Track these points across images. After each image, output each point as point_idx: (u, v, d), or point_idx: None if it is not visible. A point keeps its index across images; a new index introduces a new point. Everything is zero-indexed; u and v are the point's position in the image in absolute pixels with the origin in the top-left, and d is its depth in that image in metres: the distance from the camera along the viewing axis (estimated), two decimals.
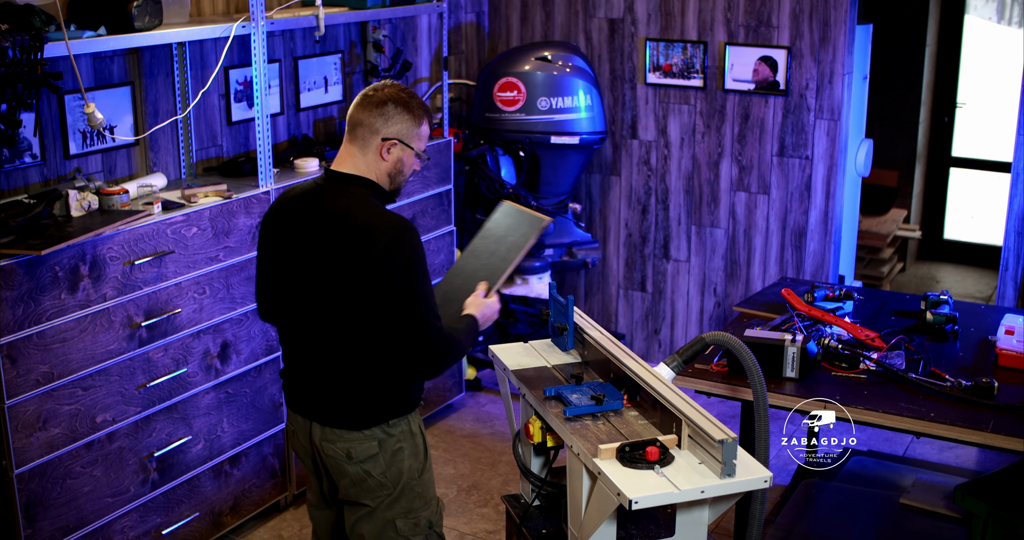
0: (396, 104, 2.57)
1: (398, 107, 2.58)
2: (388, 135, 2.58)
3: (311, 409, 2.69)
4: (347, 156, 2.62)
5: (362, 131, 2.58)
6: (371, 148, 2.58)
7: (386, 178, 2.63)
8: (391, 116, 2.57)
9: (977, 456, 4.48)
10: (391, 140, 2.58)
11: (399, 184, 2.67)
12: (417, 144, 2.63)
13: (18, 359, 3.06)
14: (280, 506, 4.14)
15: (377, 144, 2.58)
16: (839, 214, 5.00)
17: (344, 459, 2.65)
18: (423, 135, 2.64)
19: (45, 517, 3.21)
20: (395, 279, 2.48)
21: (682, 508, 2.44)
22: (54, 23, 3.07)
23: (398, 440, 2.67)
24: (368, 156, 2.59)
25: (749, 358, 2.58)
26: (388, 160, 2.60)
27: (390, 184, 2.65)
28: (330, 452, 2.67)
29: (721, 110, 5.08)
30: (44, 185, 3.51)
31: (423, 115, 2.62)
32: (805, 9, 4.80)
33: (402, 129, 2.59)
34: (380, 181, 2.63)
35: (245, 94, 4.20)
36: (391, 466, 2.67)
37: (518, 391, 2.88)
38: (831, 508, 3.77)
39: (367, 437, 2.64)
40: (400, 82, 4.90)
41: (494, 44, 5.62)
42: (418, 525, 2.72)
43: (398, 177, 2.64)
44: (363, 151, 2.60)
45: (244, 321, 3.78)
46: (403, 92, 2.60)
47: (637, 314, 5.53)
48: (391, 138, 2.58)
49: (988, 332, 3.52)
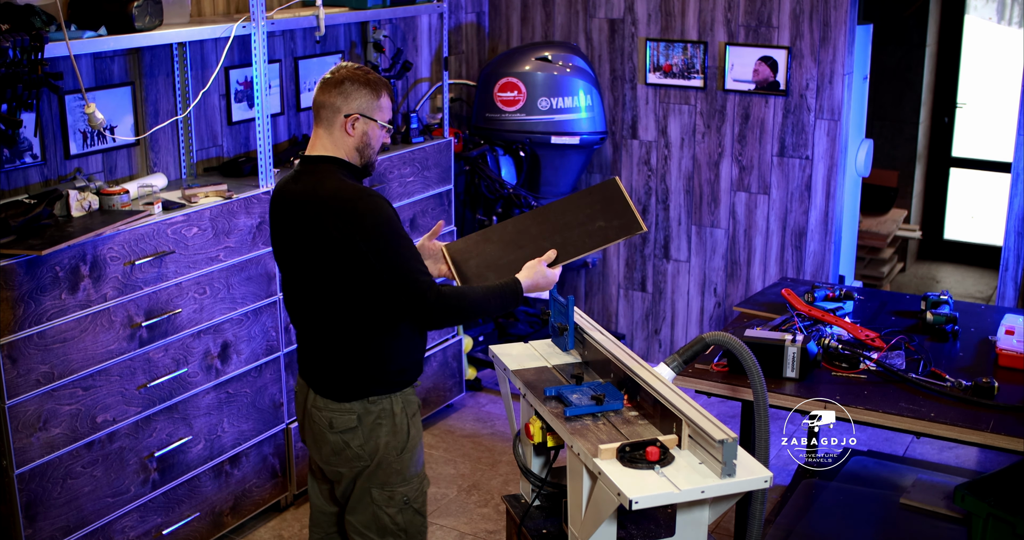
0: (352, 81, 2.70)
1: (355, 83, 2.70)
2: (350, 111, 2.70)
3: (308, 375, 2.86)
4: (316, 139, 2.75)
5: (325, 112, 2.71)
6: (336, 126, 2.71)
7: (355, 153, 2.75)
8: (350, 93, 2.69)
9: (977, 456, 4.48)
10: (353, 115, 2.70)
11: (369, 157, 2.78)
12: (379, 116, 2.74)
13: (18, 359, 3.06)
14: (280, 506, 4.14)
15: (341, 121, 2.70)
16: (839, 214, 5.01)
17: (327, 427, 2.79)
18: (384, 107, 2.75)
19: (45, 517, 3.21)
20: (369, 244, 2.60)
21: (682, 508, 2.45)
22: (54, 23, 3.07)
23: (378, 417, 2.79)
24: (335, 134, 2.72)
25: (749, 358, 2.58)
26: (354, 135, 2.72)
27: (360, 159, 2.76)
28: (316, 418, 2.82)
29: (721, 110, 5.08)
30: (45, 185, 3.51)
31: (381, 88, 2.74)
32: (805, 9, 4.80)
33: (362, 104, 2.71)
34: (350, 157, 2.74)
35: (245, 94, 4.20)
36: (368, 440, 2.79)
37: (518, 391, 2.88)
38: (831, 508, 3.77)
39: (348, 410, 2.77)
40: (398, 80, 4.91)
41: (494, 44, 5.62)
42: (392, 498, 2.84)
43: (367, 150, 2.76)
44: (329, 131, 2.72)
45: (244, 321, 3.79)
46: (359, 70, 2.74)
47: (637, 314, 5.53)
48: (352, 113, 2.70)
49: (988, 332, 3.52)
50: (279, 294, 3.91)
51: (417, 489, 2.89)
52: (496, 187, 5.01)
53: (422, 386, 4.72)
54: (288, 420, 4.05)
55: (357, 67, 2.75)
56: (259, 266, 3.81)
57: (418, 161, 4.54)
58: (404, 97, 5.06)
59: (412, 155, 4.51)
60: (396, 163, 4.42)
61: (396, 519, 2.86)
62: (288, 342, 3.99)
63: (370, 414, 2.78)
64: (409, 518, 2.88)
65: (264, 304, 3.85)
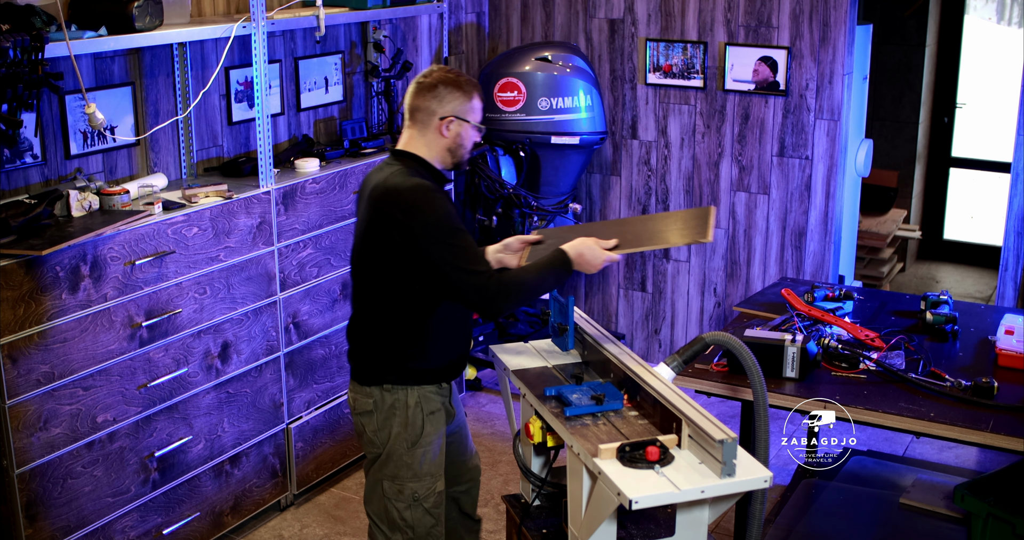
0: (446, 85, 2.82)
1: (448, 86, 2.82)
2: (444, 114, 2.82)
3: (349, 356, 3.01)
4: (406, 137, 2.88)
5: (420, 115, 2.83)
6: (430, 128, 2.83)
7: (447, 153, 2.86)
8: (443, 96, 2.81)
9: (977, 456, 4.48)
10: (448, 117, 2.82)
11: (461, 157, 2.89)
12: (472, 116, 2.86)
13: (19, 359, 3.06)
14: (280, 506, 4.14)
15: (436, 124, 2.82)
16: (839, 214, 5.01)
17: (352, 408, 2.95)
18: (476, 108, 2.87)
19: (46, 517, 3.22)
20: (421, 236, 2.68)
21: (682, 508, 2.45)
22: (55, 23, 3.07)
23: (392, 406, 2.86)
24: (427, 136, 2.84)
25: (749, 358, 2.58)
26: (448, 136, 2.83)
27: (452, 158, 2.87)
28: (347, 398, 3.03)
29: (721, 110, 5.09)
30: (45, 185, 3.51)
31: (472, 90, 2.85)
32: (805, 9, 4.80)
33: (456, 106, 2.82)
34: (440, 157, 2.86)
35: (246, 94, 4.20)
36: (382, 428, 2.88)
37: (518, 391, 2.88)
38: (831, 508, 3.77)
39: (367, 393, 2.89)
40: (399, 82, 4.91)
41: (494, 44, 5.62)
42: (402, 492, 2.88)
43: (459, 150, 2.87)
44: (422, 132, 2.84)
45: (245, 321, 3.79)
46: (450, 73, 2.85)
47: (637, 314, 5.53)
48: (447, 116, 2.81)
49: (988, 332, 3.52)
50: (279, 294, 3.91)
51: (428, 488, 2.89)
52: (496, 187, 5.01)
53: None
54: (288, 420, 4.05)
55: (448, 70, 2.86)
56: (259, 266, 3.81)
57: None
58: (404, 97, 5.06)
59: None
60: None
61: (404, 515, 2.88)
62: (288, 342, 3.99)
63: (385, 402, 2.86)
64: (418, 516, 2.89)
65: (264, 304, 3.85)
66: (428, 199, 2.70)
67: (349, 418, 4.33)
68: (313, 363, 4.13)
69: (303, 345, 4.06)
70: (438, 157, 2.85)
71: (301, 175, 4.02)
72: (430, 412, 2.88)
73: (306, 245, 4.01)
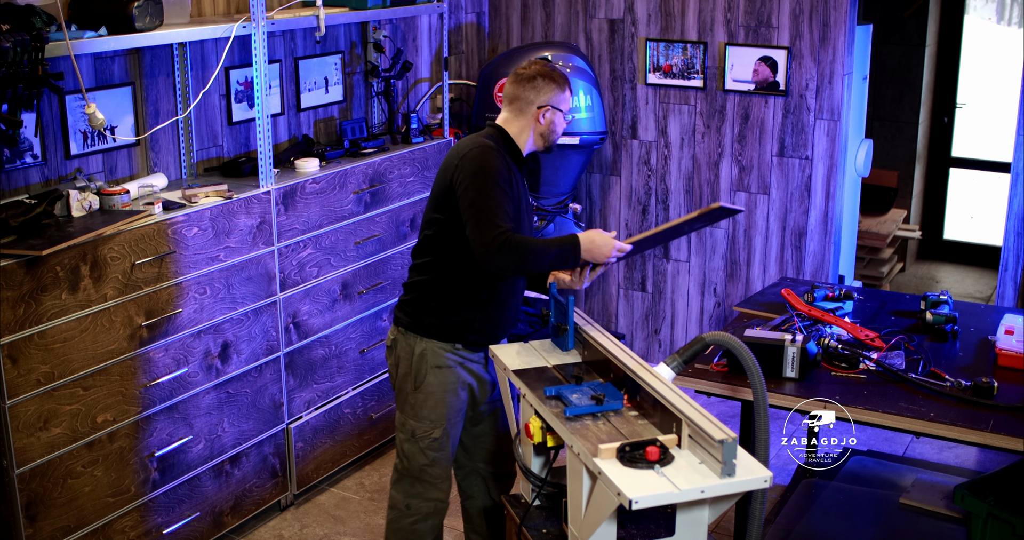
0: (543, 77, 3.12)
1: (545, 79, 3.12)
2: (542, 103, 3.11)
3: None
4: (501, 119, 3.16)
5: (519, 103, 3.12)
6: (527, 115, 3.12)
7: (540, 138, 3.15)
8: (541, 87, 3.11)
9: (977, 456, 4.48)
10: (545, 106, 3.11)
11: (552, 141, 3.18)
12: (564, 106, 3.16)
13: (19, 359, 3.06)
14: (280, 506, 4.14)
15: (533, 112, 3.11)
16: (839, 214, 5.01)
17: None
18: (567, 99, 3.18)
19: (46, 517, 3.22)
20: (464, 186, 2.94)
21: (682, 508, 2.45)
22: (55, 23, 3.07)
23: (404, 349, 3.16)
24: (522, 120, 3.13)
25: (749, 358, 2.58)
26: (544, 123, 3.13)
27: (544, 142, 3.16)
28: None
29: (721, 110, 5.09)
30: (45, 185, 3.51)
31: (565, 83, 3.16)
32: (805, 9, 4.81)
33: (552, 96, 3.12)
34: (534, 140, 3.15)
35: (246, 94, 4.21)
36: (395, 364, 3.20)
37: (518, 391, 2.88)
38: (831, 508, 3.77)
39: (393, 330, 3.22)
40: (398, 81, 4.91)
41: (494, 44, 5.62)
42: (404, 425, 3.20)
43: (551, 136, 3.16)
44: (516, 117, 3.13)
45: (245, 321, 3.79)
46: (546, 66, 3.16)
47: (637, 314, 5.53)
48: (545, 105, 3.11)
49: (988, 332, 3.52)
50: (279, 294, 3.92)
51: (426, 432, 3.15)
52: None
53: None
54: (288, 420, 4.05)
55: (544, 64, 3.18)
56: (259, 266, 3.81)
57: (418, 161, 4.54)
58: (404, 97, 5.07)
59: (412, 155, 4.51)
60: (396, 163, 4.42)
61: (403, 445, 3.21)
62: (288, 342, 3.99)
63: (399, 343, 3.17)
64: (413, 451, 3.18)
65: (264, 304, 3.85)
66: (483, 153, 2.96)
67: (349, 418, 4.33)
68: (313, 363, 4.13)
69: (303, 345, 4.06)
70: (531, 140, 3.14)
71: (301, 175, 4.02)
72: (435, 366, 3.11)
73: (306, 245, 4.01)
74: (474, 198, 2.90)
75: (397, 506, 3.25)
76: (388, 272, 4.44)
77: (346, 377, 4.31)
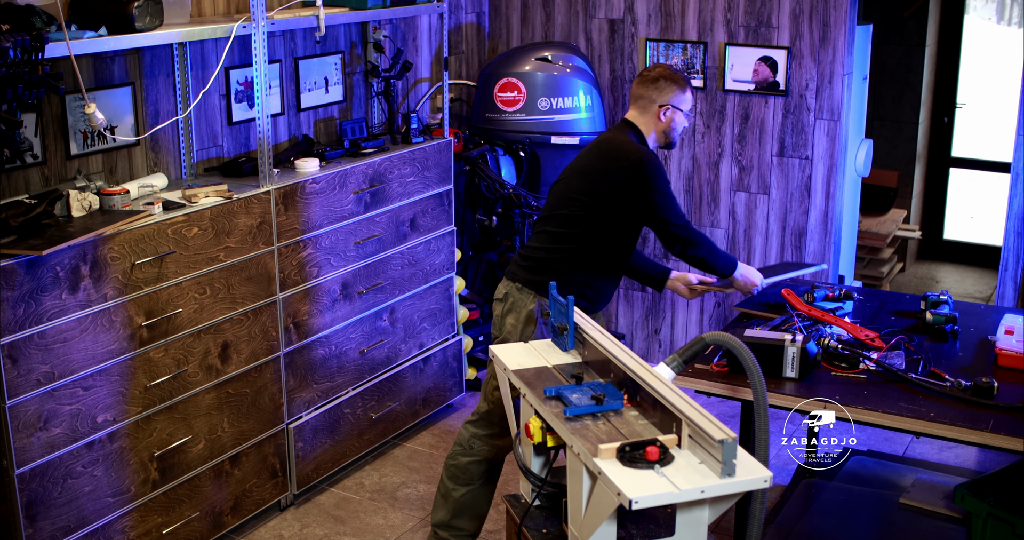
0: (666, 79, 3.47)
1: (667, 81, 3.47)
2: (663, 102, 3.47)
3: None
4: (630, 116, 3.53)
5: (643, 102, 3.49)
6: (650, 113, 3.49)
7: (662, 134, 3.51)
8: (663, 88, 3.46)
9: (977, 456, 4.48)
10: (666, 105, 3.47)
11: (672, 139, 3.54)
12: (685, 106, 3.50)
13: (19, 359, 3.06)
14: (280, 506, 4.14)
15: (655, 110, 3.48)
16: (839, 214, 5.01)
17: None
18: (688, 99, 3.51)
19: (46, 517, 3.22)
20: (639, 194, 3.35)
21: (682, 508, 2.45)
22: (55, 23, 3.07)
23: (514, 302, 3.45)
24: (646, 117, 3.50)
25: (749, 358, 2.58)
26: (664, 121, 3.48)
27: (664, 139, 3.53)
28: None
29: (721, 110, 5.09)
30: (45, 185, 3.51)
31: (685, 84, 3.50)
32: (805, 9, 4.81)
33: (673, 96, 3.47)
34: (656, 136, 3.52)
35: (246, 94, 4.21)
36: (503, 316, 3.48)
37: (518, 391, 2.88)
38: (831, 508, 3.77)
39: (504, 284, 3.50)
40: (400, 81, 4.91)
41: (494, 44, 5.62)
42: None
43: (672, 133, 3.52)
44: (642, 113, 3.50)
45: (244, 321, 3.79)
46: (668, 69, 3.52)
47: (637, 314, 5.53)
48: (666, 104, 3.47)
49: (988, 332, 3.52)
50: (279, 294, 3.92)
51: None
52: (496, 187, 5.01)
53: (420, 385, 4.73)
54: (288, 420, 4.05)
55: (667, 67, 3.55)
56: (259, 266, 3.81)
57: (418, 161, 4.54)
58: (404, 97, 5.07)
59: (412, 155, 4.51)
60: (396, 163, 4.42)
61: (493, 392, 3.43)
62: (288, 342, 3.99)
63: (511, 296, 3.46)
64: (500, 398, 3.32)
65: (264, 304, 3.85)
66: (653, 159, 3.38)
67: (349, 418, 4.33)
68: (313, 363, 4.13)
69: (303, 345, 4.06)
70: (653, 136, 3.50)
71: (301, 175, 4.02)
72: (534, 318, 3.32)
73: (306, 245, 4.01)
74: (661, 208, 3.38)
75: (461, 442, 3.55)
76: (388, 272, 4.44)
77: (346, 377, 4.31)
